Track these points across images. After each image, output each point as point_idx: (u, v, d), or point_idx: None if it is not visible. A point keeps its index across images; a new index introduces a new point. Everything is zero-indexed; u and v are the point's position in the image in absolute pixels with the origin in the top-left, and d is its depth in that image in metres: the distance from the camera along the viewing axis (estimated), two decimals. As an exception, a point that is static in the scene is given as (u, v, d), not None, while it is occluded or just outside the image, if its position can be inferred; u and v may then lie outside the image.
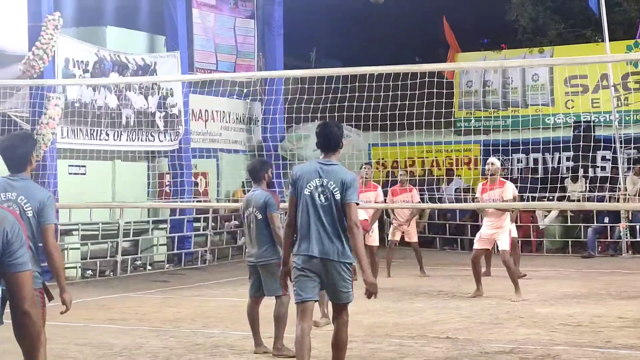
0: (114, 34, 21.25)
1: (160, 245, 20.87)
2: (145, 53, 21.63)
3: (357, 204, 8.05)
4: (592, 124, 23.53)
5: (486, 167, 14.84)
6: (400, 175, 18.26)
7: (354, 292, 8.00)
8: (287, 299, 9.67)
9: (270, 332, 10.09)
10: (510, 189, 14.55)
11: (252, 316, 10.29)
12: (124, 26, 21.84)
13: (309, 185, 7.99)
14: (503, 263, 14.36)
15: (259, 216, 10.04)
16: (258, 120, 25.09)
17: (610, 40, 21.71)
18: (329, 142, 8.14)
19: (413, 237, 18.30)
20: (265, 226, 10.02)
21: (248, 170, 10.66)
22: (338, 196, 7.89)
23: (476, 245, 14.71)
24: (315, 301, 8.21)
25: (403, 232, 18.15)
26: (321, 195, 7.95)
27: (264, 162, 10.87)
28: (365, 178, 15.91)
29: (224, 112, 24.31)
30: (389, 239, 18.27)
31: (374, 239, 16.04)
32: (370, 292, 7.89)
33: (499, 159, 16.35)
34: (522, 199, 16.23)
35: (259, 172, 10.34)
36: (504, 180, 14.91)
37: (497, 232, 14.39)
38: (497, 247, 14.72)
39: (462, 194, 22.17)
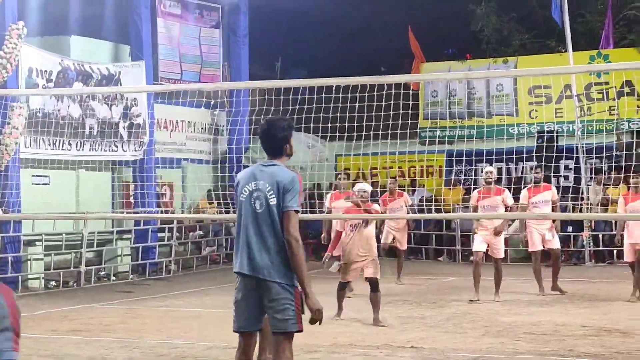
0: (78, 44, 21.15)
1: (125, 255, 20.76)
2: (110, 62, 21.53)
3: (298, 211, 6.73)
4: (555, 133, 23.67)
5: (484, 175, 15.26)
6: (390, 184, 18.42)
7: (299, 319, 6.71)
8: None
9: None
10: (510, 195, 15.50)
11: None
12: (88, 36, 21.74)
13: (244, 191, 6.86)
14: (496, 267, 15.15)
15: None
16: (223, 130, 25.04)
17: (573, 50, 21.91)
18: (271, 145, 6.99)
19: (404, 244, 18.49)
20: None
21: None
22: (273, 202, 6.71)
23: (475, 248, 15.68)
24: (256, 331, 7.08)
25: (394, 237, 18.30)
26: (256, 201, 6.78)
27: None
28: (342, 187, 16.25)
29: (189, 121, 24.25)
30: (382, 241, 18.36)
31: None
32: (314, 320, 6.65)
33: (463, 166, 16.70)
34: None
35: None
36: (502, 187, 15.70)
37: (497, 239, 14.99)
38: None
39: (426, 203, 22.21)
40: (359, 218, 12.81)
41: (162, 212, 21.80)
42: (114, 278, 20.07)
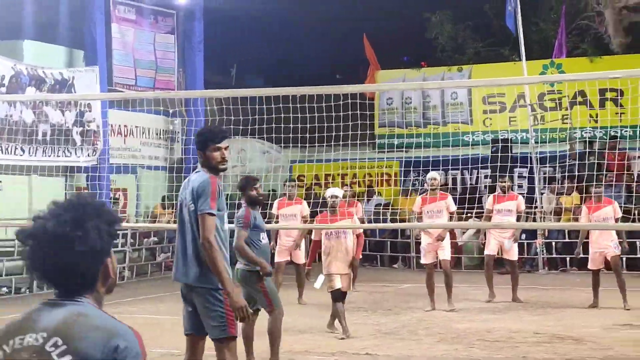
0: (31, 48, 20.98)
1: (78, 262, 20.54)
2: (64, 67, 21.37)
3: (212, 214, 6.77)
4: (509, 142, 23.86)
5: (429, 182, 15.34)
6: (345, 190, 18.00)
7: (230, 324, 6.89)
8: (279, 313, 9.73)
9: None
10: (452, 201, 15.61)
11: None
12: (42, 40, 21.56)
13: (179, 200, 7.12)
14: (444, 271, 15.16)
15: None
16: (179, 137, 24.94)
17: (527, 59, 22.07)
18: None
19: (359, 254, 18.41)
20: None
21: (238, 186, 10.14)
22: (192, 208, 6.84)
23: (424, 260, 15.29)
24: (200, 335, 7.11)
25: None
26: (184, 209, 6.99)
27: (248, 178, 10.29)
28: (289, 194, 16.28)
29: (143, 127, 24.12)
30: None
31: (301, 256, 16.03)
32: (239, 316, 6.78)
33: (419, 174, 16.79)
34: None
35: (243, 188, 9.98)
36: (445, 193, 15.74)
37: (440, 243, 14.96)
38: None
39: (382, 210, 22.27)
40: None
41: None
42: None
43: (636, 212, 18.86)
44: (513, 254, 16.73)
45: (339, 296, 12.28)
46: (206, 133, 7.19)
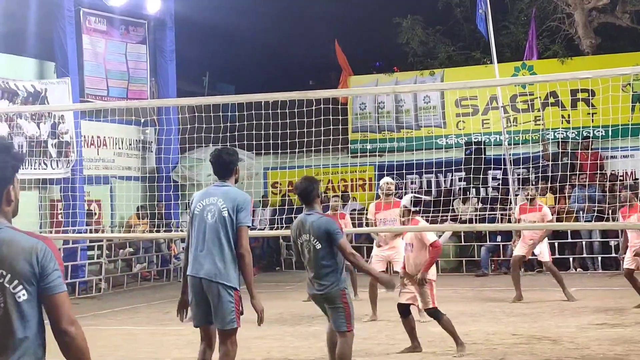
0: (1, 61, 20.86)
1: (53, 274, 20.42)
2: (35, 80, 21.28)
3: (249, 227, 7.99)
4: (483, 144, 23.94)
5: (384, 186, 15.02)
6: (333, 200, 17.82)
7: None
8: (351, 336, 9.06)
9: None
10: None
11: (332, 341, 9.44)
12: (12, 53, 21.45)
13: (198, 205, 8.04)
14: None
15: (318, 246, 8.93)
16: (152, 147, 24.87)
17: (498, 62, 22.17)
18: (221, 169, 8.23)
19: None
20: (324, 255, 8.92)
21: (298, 192, 9.24)
22: (225, 214, 7.88)
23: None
24: (211, 324, 8.01)
25: None
26: (208, 214, 7.93)
27: (313, 179, 9.38)
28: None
29: (116, 138, 24.04)
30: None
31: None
32: (260, 318, 7.83)
33: (393, 178, 16.57)
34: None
35: (311, 192, 9.11)
36: (399, 200, 15.11)
37: (393, 252, 14.62)
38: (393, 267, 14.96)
39: (357, 215, 22.28)
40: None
41: (92, 230, 21.51)
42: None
43: (610, 211, 18.94)
44: (544, 256, 17.07)
45: None
46: (236, 151, 8.53)
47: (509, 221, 20.34)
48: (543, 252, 17.00)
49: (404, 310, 11.45)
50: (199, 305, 7.89)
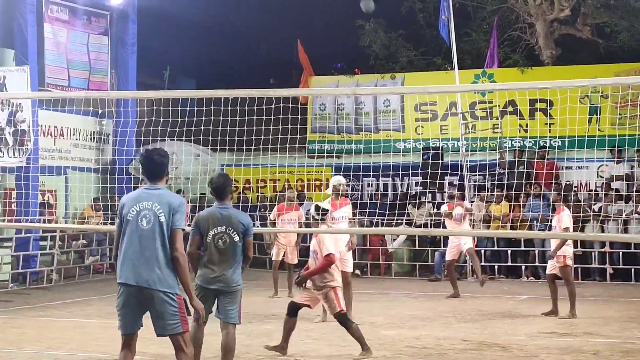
0: (-41, 47, 20.66)
1: (5, 264, 20.29)
2: (-6, 66, 21.08)
3: (184, 229, 7.88)
4: (440, 150, 24.05)
5: (337, 185, 15.02)
6: (289, 191, 18.19)
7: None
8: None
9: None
10: (350, 208, 15.13)
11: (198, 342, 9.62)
12: (-30, 39, 21.25)
13: (132, 210, 7.84)
14: (345, 284, 14.59)
15: (237, 238, 9.42)
16: (109, 139, 24.71)
17: (459, 68, 22.30)
18: (152, 170, 8.04)
19: (294, 259, 18.49)
20: (240, 248, 9.47)
21: (212, 187, 9.66)
22: (162, 219, 7.76)
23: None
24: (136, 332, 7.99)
25: (285, 252, 18.32)
26: (143, 219, 7.79)
27: (228, 177, 9.90)
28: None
29: (74, 129, 23.86)
30: (273, 259, 18.65)
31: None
32: (199, 317, 8.23)
33: (349, 180, 16.65)
34: (371, 223, 16.63)
35: (226, 188, 9.64)
36: (347, 199, 15.33)
37: (343, 251, 14.65)
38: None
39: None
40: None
41: (45, 220, 21.33)
42: (-8, 287, 19.61)
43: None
44: (467, 243, 18.08)
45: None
46: (166, 153, 8.24)
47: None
48: (467, 242, 17.39)
49: (294, 310, 11.50)
50: (129, 313, 7.80)
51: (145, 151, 8.22)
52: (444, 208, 19.02)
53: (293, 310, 11.48)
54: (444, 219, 18.70)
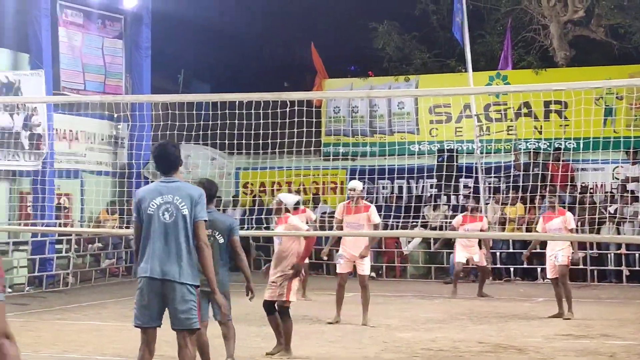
0: (-26, 52, 20.75)
1: (21, 267, 20.37)
2: (9, 71, 21.14)
3: (206, 221, 7.85)
4: (455, 152, 24.03)
5: (350, 191, 14.91)
6: (295, 193, 18.02)
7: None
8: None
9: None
10: (376, 212, 14.78)
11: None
12: (-15, 43, 21.34)
13: (152, 204, 7.76)
14: (362, 286, 14.63)
15: (221, 240, 9.70)
16: (124, 142, 24.76)
17: (473, 70, 22.28)
18: (167, 163, 7.96)
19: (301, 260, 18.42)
20: (225, 250, 9.75)
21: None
22: (185, 212, 7.72)
23: (340, 270, 14.93)
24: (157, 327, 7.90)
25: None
26: (165, 213, 7.73)
27: (212, 181, 10.13)
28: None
29: (89, 132, 23.92)
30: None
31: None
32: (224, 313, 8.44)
33: (364, 183, 16.51)
34: (386, 226, 16.58)
35: (210, 191, 9.60)
36: (369, 204, 15.11)
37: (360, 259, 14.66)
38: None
39: (328, 218, 22.32)
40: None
41: (61, 224, 21.40)
42: (9, 290, 19.61)
43: (579, 223, 19.04)
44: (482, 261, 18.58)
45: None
46: (178, 146, 8.18)
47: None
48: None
49: (269, 307, 11.52)
50: (150, 307, 7.74)
51: (157, 145, 8.14)
52: (457, 220, 18.86)
53: (269, 308, 11.50)
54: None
